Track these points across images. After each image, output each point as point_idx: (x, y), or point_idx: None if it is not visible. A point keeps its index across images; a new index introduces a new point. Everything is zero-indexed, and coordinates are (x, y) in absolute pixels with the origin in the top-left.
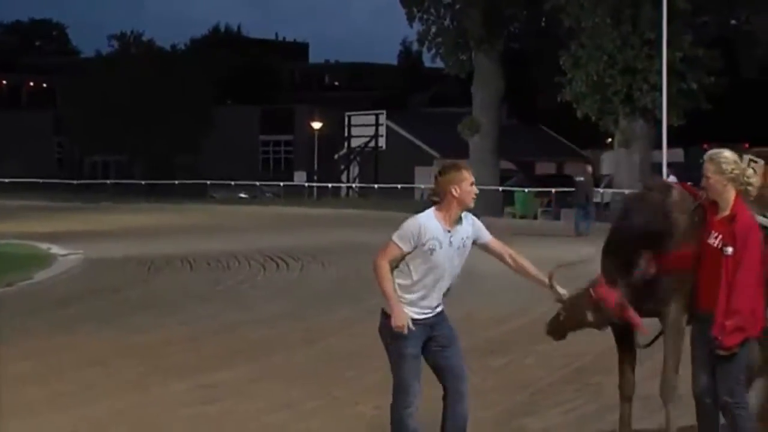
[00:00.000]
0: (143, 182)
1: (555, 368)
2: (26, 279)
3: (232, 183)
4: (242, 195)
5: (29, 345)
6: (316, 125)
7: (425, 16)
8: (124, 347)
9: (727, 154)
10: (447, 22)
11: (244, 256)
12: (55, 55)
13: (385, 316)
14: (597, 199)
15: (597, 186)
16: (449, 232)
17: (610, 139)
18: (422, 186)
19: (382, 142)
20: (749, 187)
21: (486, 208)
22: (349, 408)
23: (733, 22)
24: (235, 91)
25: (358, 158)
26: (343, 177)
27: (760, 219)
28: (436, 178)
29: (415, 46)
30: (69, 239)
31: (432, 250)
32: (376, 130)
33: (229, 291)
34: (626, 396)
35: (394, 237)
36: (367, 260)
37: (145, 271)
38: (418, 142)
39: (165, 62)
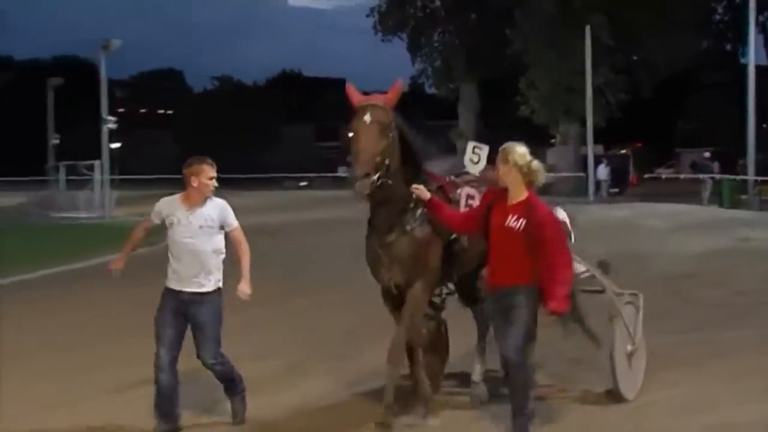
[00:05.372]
0: None
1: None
2: None
3: None
4: None
5: None
6: None
7: (425, 56)
8: None
9: (518, 148)
10: (438, 62)
11: None
12: None
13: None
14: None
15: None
16: (188, 212)
17: (553, 139)
18: None
19: None
20: (534, 178)
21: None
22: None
23: (634, 57)
24: None
25: None
26: None
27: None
28: (183, 168)
29: (420, 79)
30: None
31: (171, 224)
32: None
33: None
34: (394, 362)
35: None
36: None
37: None
38: None
39: None
